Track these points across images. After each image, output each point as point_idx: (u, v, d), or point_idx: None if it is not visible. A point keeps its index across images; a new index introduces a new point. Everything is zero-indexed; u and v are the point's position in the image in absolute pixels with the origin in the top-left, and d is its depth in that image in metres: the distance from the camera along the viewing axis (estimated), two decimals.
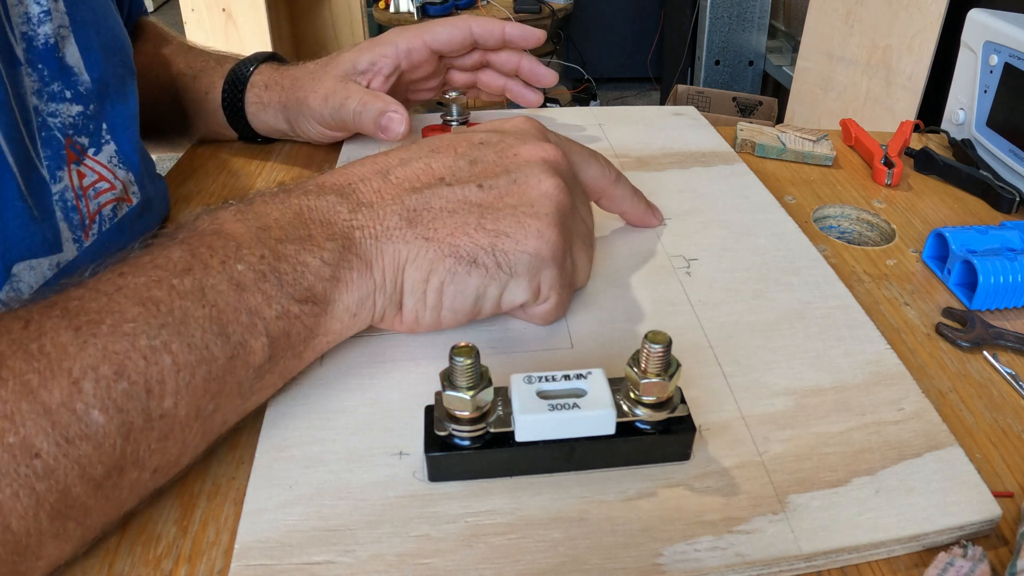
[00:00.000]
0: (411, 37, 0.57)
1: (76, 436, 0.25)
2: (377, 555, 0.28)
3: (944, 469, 0.32)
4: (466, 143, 0.38)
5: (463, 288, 0.35)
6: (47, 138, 0.43)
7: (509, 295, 0.36)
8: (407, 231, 0.34)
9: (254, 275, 0.31)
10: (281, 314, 0.31)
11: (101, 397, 0.26)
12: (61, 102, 0.43)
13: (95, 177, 0.45)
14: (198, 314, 0.29)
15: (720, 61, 2.47)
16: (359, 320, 0.35)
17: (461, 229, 0.34)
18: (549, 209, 0.36)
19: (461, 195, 0.35)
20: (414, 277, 0.34)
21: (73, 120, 0.44)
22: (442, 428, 0.31)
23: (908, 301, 0.45)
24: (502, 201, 0.35)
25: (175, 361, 0.28)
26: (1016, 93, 0.59)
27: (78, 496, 0.26)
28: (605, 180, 0.43)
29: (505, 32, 0.58)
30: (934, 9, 1.42)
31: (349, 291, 0.33)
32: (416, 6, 2.48)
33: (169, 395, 0.28)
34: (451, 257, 0.34)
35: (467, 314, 0.36)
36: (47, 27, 0.42)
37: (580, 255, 0.39)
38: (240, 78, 0.59)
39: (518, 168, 0.37)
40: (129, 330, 0.27)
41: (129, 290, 0.28)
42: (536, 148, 0.38)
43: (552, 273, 0.36)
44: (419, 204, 0.35)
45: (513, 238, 0.35)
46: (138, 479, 0.28)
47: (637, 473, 0.32)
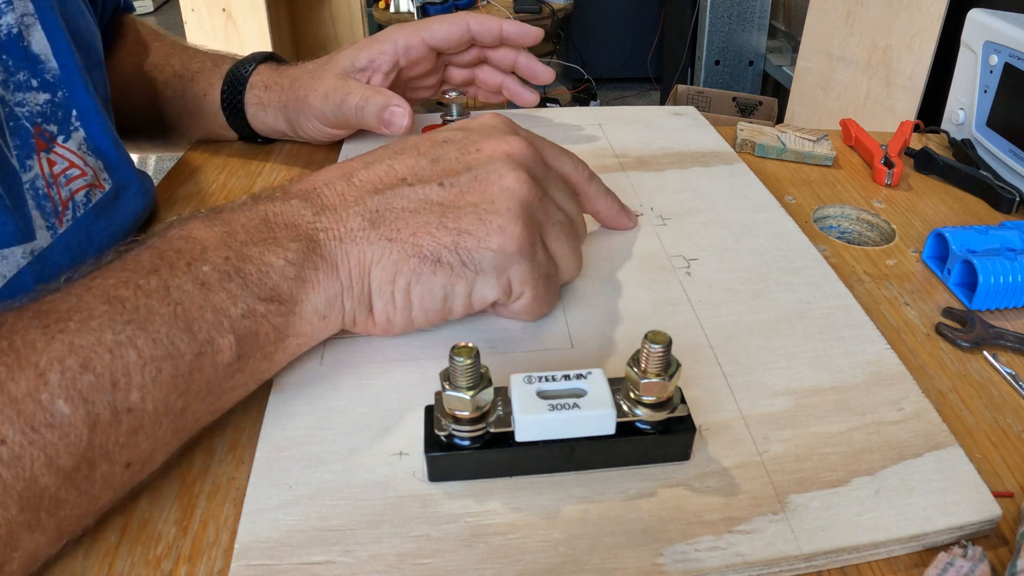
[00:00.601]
0: (409, 34, 0.57)
1: (41, 425, 0.26)
2: (377, 555, 0.28)
3: (944, 469, 0.32)
4: (429, 142, 0.38)
5: (430, 288, 0.35)
6: (15, 127, 0.42)
7: (478, 293, 0.36)
8: (370, 232, 0.34)
9: (219, 275, 0.31)
10: (247, 312, 0.31)
11: (66, 388, 0.26)
12: (28, 91, 0.43)
13: (65, 164, 0.45)
14: (163, 311, 0.29)
15: (720, 61, 2.47)
16: (329, 323, 0.35)
17: (423, 228, 0.34)
18: (511, 204, 0.35)
19: (423, 194, 0.35)
20: (380, 278, 0.34)
21: (41, 108, 0.44)
22: (442, 428, 0.31)
23: (908, 301, 0.45)
24: (463, 199, 0.35)
25: (140, 355, 0.28)
26: (1016, 93, 0.59)
27: (47, 486, 0.26)
28: (577, 176, 0.43)
29: (503, 29, 0.58)
30: (934, 9, 1.42)
31: (316, 291, 0.34)
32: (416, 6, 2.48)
33: (135, 389, 0.28)
34: (415, 257, 0.34)
35: (438, 313, 0.36)
36: (8, 17, 0.42)
37: (559, 246, 0.39)
38: (239, 79, 0.59)
39: (479, 165, 0.37)
40: (95, 325, 0.28)
41: (97, 290, 0.29)
42: (499, 143, 0.38)
43: (521, 268, 0.36)
44: (381, 205, 0.35)
45: (475, 235, 0.35)
46: (110, 472, 0.28)
47: (637, 473, 0.32)
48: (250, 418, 0.36)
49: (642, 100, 3.25)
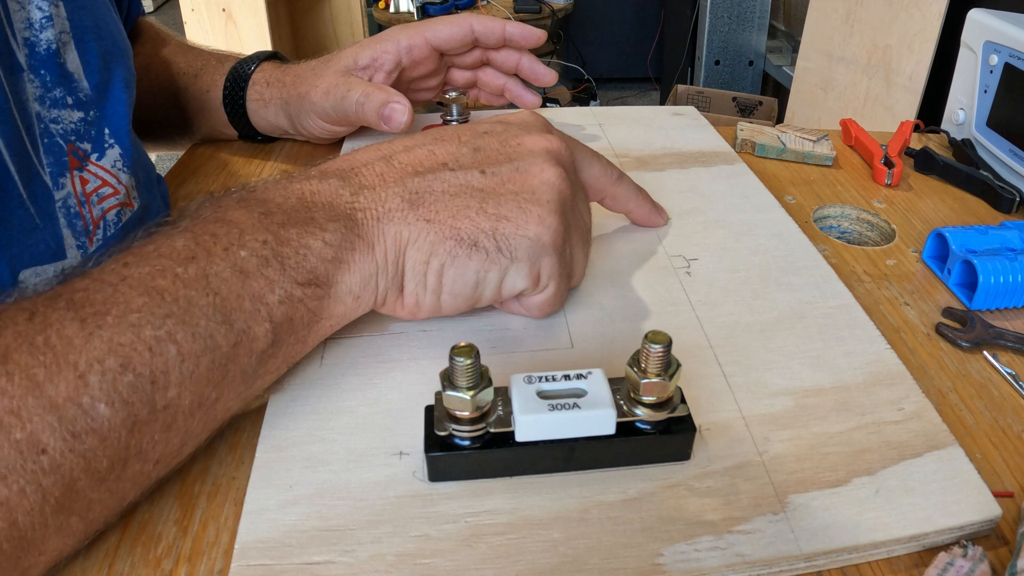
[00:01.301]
0: (413, 34, 0.57)
1: (83, 431, 0.25)
2: (377, 555, 0.28)
3: (944, 469, 0.32)
4: (470, 132, 0.38)
5: (463, 271, 0.34)
6: (49, 145, 0.42)
7: (509, 281, 0.35)
8: (408, 213, 0.34)
9: (257, 260, 0.31)
10: (284, 299, 0.31)
11: (107, 390, 0.26)
12: (63, 108, 0.43)
13: (98, 183, 0.45)
14: (202, 303, 0.29)
15: (720, 61, 2.47)
16: (362, 303, 0.35)
17: (463, 212, 0.34)
18: (551, 196, 0.36)
19: (464, 180, 0.35)
20: (415, 259, 0.34)
21: (75, 126, 0.44)
22: (442, 428, 0.31)
23: (908, 301, 0.45)
24: (504, 187, 0.36)
25: (180, 351, 0.28)
26: (1016, 93, 0.59)
27: (82, 490, 0.26)
28: (607, 179, 0.43)
29: (506, 31, 0.58)
30: (934, 9, 1.42)
31: (351, 272, 0.33)
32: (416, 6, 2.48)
33: (173, 386, 0.28)
34: (452, 239, 0.34)
35: (467, 299, 0.36)
36: (49, 33, 0.42)
37: (578, 250, 0.39)
38: (241, 76, 0.59)
39: (521, 157, 0.37)
40: (135, 320, 0.27)
41: (134, 280, 0.28)
42: (540, 139, 0.38)
43: (552, 260, 0.36)
44: (421, 187, 0.35)
45: (514, 222, 0.35)
46: (141, 471, 0.28)
47: (637, 473, 0.32)
48: (250, 418, 0.36)
49: (642, 100, 3.25)
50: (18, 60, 0.40)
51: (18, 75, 0.40)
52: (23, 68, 0.41)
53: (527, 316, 0.40)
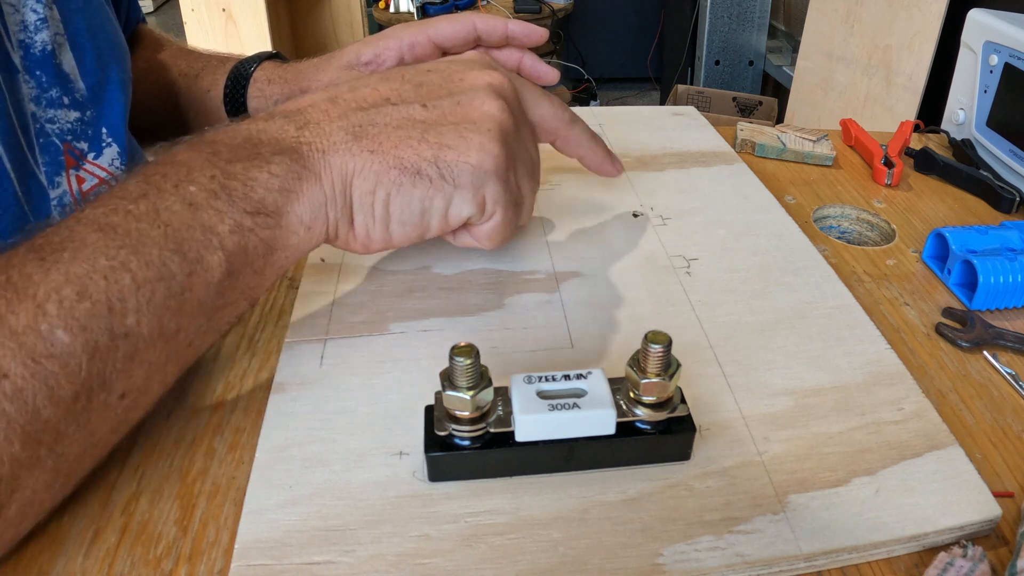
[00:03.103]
0: (415, 31, 0.57)
1: (42, 355, 0.26)
2: (377, 555, 0.28)
3: (944, 469, 0.32)
4: (414, 70, 0.39)
5: (408, 199, 0.35)
6: (45, 144, 0.43)
7: (455, 208, 0.36)
8: (352, 144, 0.35)
9: (205, 194, 0.32)
10: (234, 228, 0.32)
11: (65, 317, 0.27)
12: (59, 108, 0.43)
13: (95, 181, 0.45)
14: (154, 234, 0.30)
15: (720, 61, 2.47)
16: (314, 233, 0.35)
17: (405, 142, 0.35)
18: (491, 126, 0.36)
19: (406, 113, 0.36)
20: (361, 189, 0.35)
21: (71, 126, 0.44)
22: (442, 428, 0.31)
23: (908, 301, 0.45)
24: (446, 119, 0.36)
25: (134, 279, 0.29)
26: (1016, 93, 0.59)
27: (48, 419, 0.26)
28: (557, 120, 0.43)
29: (508, 29, 0.58)
30: (934, 9, 1.42)
31: (300, 202, 0.34)
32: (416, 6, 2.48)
33: (131, 312, 0.28)
34: (395, 168, 0.35)
35: (415, 227, 0.36)
36: (44, 34, 0.42)
37: (524, 182, 0.40)
38: (242, 75, 0.59)
39: (463, 91, 0.38)
40: (89, 253, 0.28)
41: (88, 219, 0.30)
42: (482, 74, 0.39)
43: (496, 187, 0.37)
44: (365, 121, 0.36)
45: (455, 150, 0.35)
46: (106, 402, 0.28)
47: (637, 473, 0.32)
48: (250, 418, 0.36)
49: (642, 100, 3.25)
50: (13, 62, 0.41)
51: (14, 76, 0.41)
52: (18, 69, 0.41)
53: (480, 247, 0.40)
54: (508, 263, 0.45)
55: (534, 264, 0.45)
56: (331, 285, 0.43)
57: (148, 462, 0.33)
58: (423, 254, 0.45)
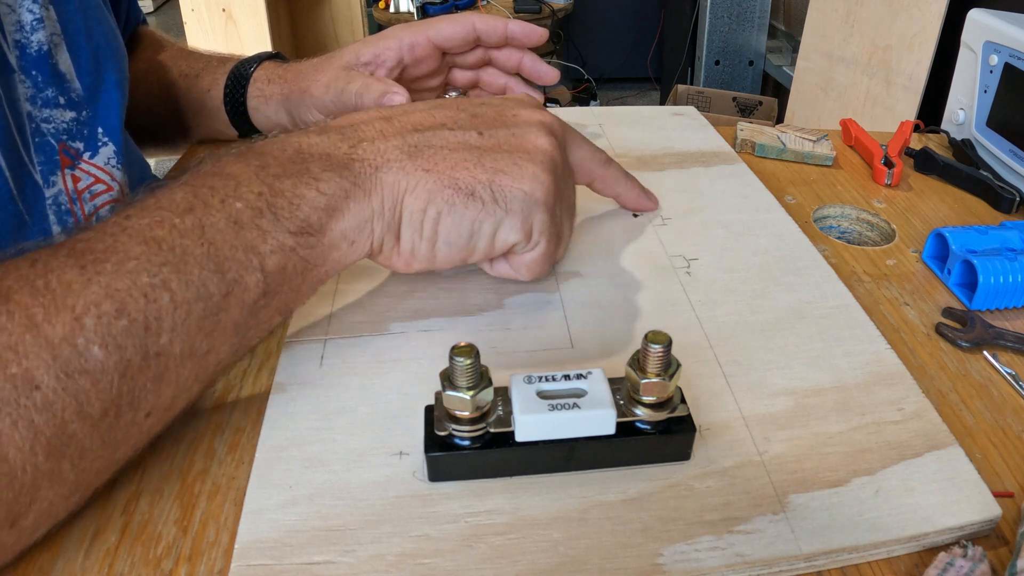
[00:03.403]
0: (415, 32, 0.57)
1: (76, 371, 0.26)
2: (377, 555, 0.28)
3: (944, 469, 0.32)
4: (468, 102, 0.40)
5: (459, 220, 0.35)
6: (40, 144, 0.43)
7: (503, 233, 0.37)
8: (407, 163, 0.35)
9: (251, 212, 0.31)
10: (276, 248, 0.32)
11: (102, 333, 0.27)
12: (55, 108, 0.44)
13: (91, 180, 0.45)
14: (197, 252, 0.30)
15: (720, 61, 2.47)
16: (357, 248, 0.35)
17: (461, 164, 0.36)
18: (544, 159, 0.37)
19: (462, 138, 0.37)
20: (412, 206, 0.35)
21: (67, 126, 0.44)
22: (442, 428, 0.31)
23: (908, 301, 0.45)
24: (500, 148, 0.37)
25: (173, 299, 0.28)
26: (1016, 93, 0.59)
27: (74, 433, 0.26)
28: (594, 162, 0.45)
29: (508, 29, 0.58)
30: (934, 9, 1.42)
31: (345, 219, 0.34)
32: (416, 6, 2.48)
33: (166, 332, 0.28)
34: (450, 188, 0.35)
35: (461, 249, 0.37)
36: (40, 34, 0.42)
37: (565, 219, 0.41)
38: (242, 75, 0.60)
39: (517, 125, 0.39)
40: (132, 268, 0.28)
41: (133, 230, 0.29)
42: (535, 112, 0.40)
43: (544, 217, 0.37)
44: (420, 142, 0.36)
45: (510, 175, 0.36)
46: (132, 420, 0.28)
47: (637, 473, 0.32)
48: (250, 418, 0.36)
49: (642, 100, 3.25)
50: (9, 62, 0.41)
51: (10, 76, 0.41)
52: (14, 69, 0.41)
53: (516, 278, 0.41)
54: None
55: None
56: (331, 285, 0.43)
57: (148, 462, 0.33)
58: None
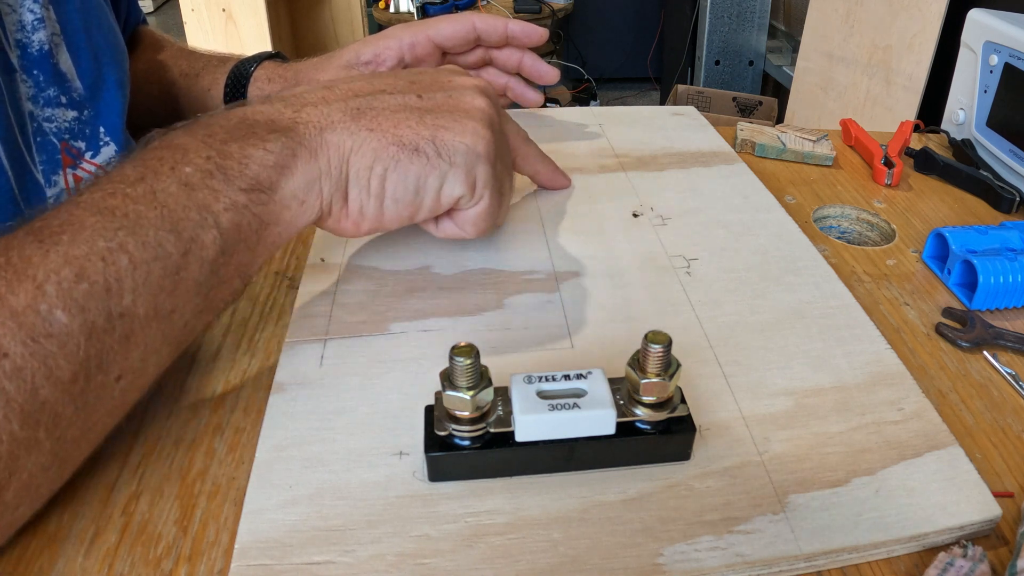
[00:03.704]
0: (415, 31, 0.57)
1: (41, 335, 0.26)
2: (377, 555, 0.28)
3: (944, 469, 0.32)
4: (405, 72, 0.42)
5: (405, 175, 0.37)
6: (42, 143, 0.43)
7: (448, 187, 0.38)
8: (351, 123, 0.36)
9: (201, 174, 0.32)
10: (229, 206, 0.32)
11: (63, 298, 0.27)
12: (56, 107, 0.44)
13: None
14: (151, 215, 0.30)
15: (720, 61, 2.47)
16: (308, 208, 0.36)
17: (404, 123, 0.37)
18: (483, 116, 0.39)
19: (402, 100, 0.38)
20: (359, 165, 0.36)
21: (69, 125, 0.44)
22: (442, 428, 0.31)
23: (908, 301, 0.45)
24: (440, 107, 0.39)
25: (131, 260, 0.29)
26: (1016, 93, 0.59)
27: (47, 399, 0.27)
28: (517, 137, 0.47)
29: (508, 28, 0.59)
30: (934, 9, 1.42)
31: (294, 176, 0.35)
32: (416, 6, 2.48)
33: (127, 292, 0.29)
34: (394, 145, 0.36)
35: (408, 205, 0.38)
36: (41, 34, 0.43)
37: (505, 177, 0.42)
38: (243, 74, 0.60)
39: (453, 88, 0.40)
40: (88, 236, 0.29)
41: (87, 204, 0.30)
42: (469, 79, 0.42)
43: (486, 170, 0.38)
44: (363, 104, 0.37)
45: (452, 131, 0.37)
46: (103, 383, 0.29)
47: (637, 473, 0.32)
48: (250, 418, 0.36)
49: (642, 100, 3.25)
50: (11, 61, 0.41)
51: (11, 76, 0.41)
52: (16, 69, 0.42)
53: (462, 236, 0.41)
54: (508, 263, 0.45)
55: (534, 264, 0.45)
56: (331, 285, 0.43)
57: (148, 462, 0.33)
58: (423, 254, 0.45)
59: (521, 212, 0.50)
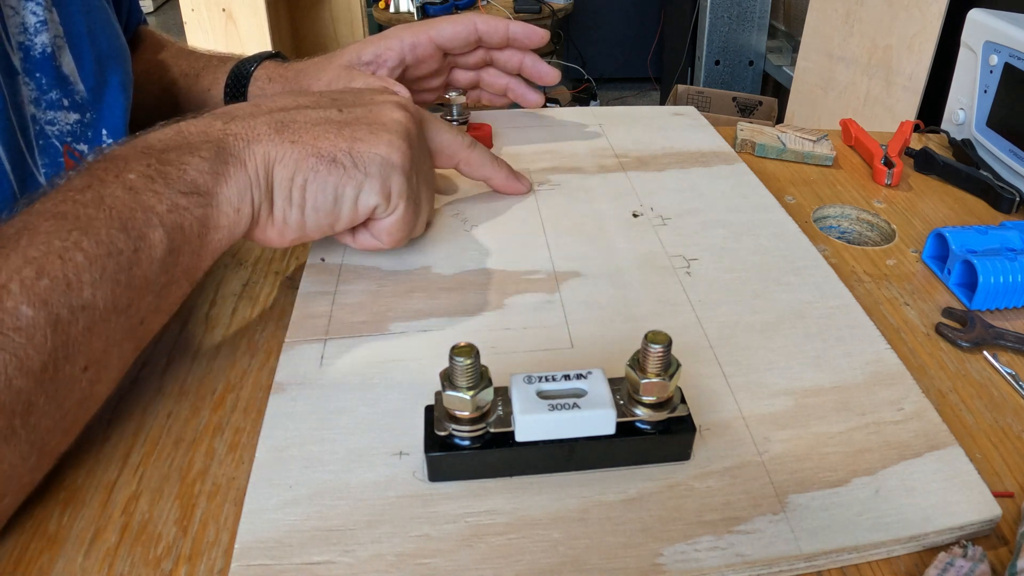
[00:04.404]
0: (416, 32, 0.57)
1: (10, 329, 0.28)
2: (377, 555, 0.28)
3: (944, 469, 0.32)
4: (329, 91, 0.44)
5: (324, 185, 0.38)
6: (45, 146, 0.43)
7: (364, 197, 0.39)
8: (275, 136, 0.38)
9: (144, 180, 0.34)
10: (172, 207, 0.34)
11: (27, 293, 0.29)
12: (59, 110, 0.44)
13: None
14: (101, 216, 0.32)
15: (720, 61, 2.47)
16: (242, 216, 0.38)
17: (323, 135, 0.39)
18: (399, 128, 0.41)
19: (323, 114, 0.40)
20: (281, 175, 0.38)
21: (71, 128, 0.45)
22: (442, 428, 0.31)
23: (908, 301, 0.45)
24: (358, 120, 0.40)
25: (87, 256, 0.31)
26: (1016, 93, 0.59)
27: (20, 389, 0.28)
28: (457, 144, 0.47)
29: (509, 30, 0.59)
30: (934, 9, 1.42)
31: (228, 184, 0.37)
32: (416, 6, 2.48)
33: (87, 286, 0.31)
34: (314, 156, 0.38)
35: (328, 214, 0.39)
36: (44, 37, 0.43)
37: (424, 189, 0.43)
38: (243, 74, 0.60)
39: (373, 103, 0.42)
40: (44, 238, 0.31)
41: (39, 212, 0.32)
42: (390, 95, 0.43)
43: (400, 180, 0.40)
44: (286, 118, 0.39)
45: (367, 142, 0.39)
46: (71, 374, 0.30)
47: (637, 473, 0.32)
48: (250, 418, 0.36)
49: (642, 100, 3.25)
50: (13, 64, 0.41)
51: (14, 78, 0.41)
52: (18, 71, 0.42)
53: (379, 247, 0.43)
54: (508, 263, 0.45)
55: (534, 264, 0.45)
56: (331, 285, 0.43)
57: (148, 462, 0.33)
58: (423, 254, 0.45)
59: (521, 212, 0.50)
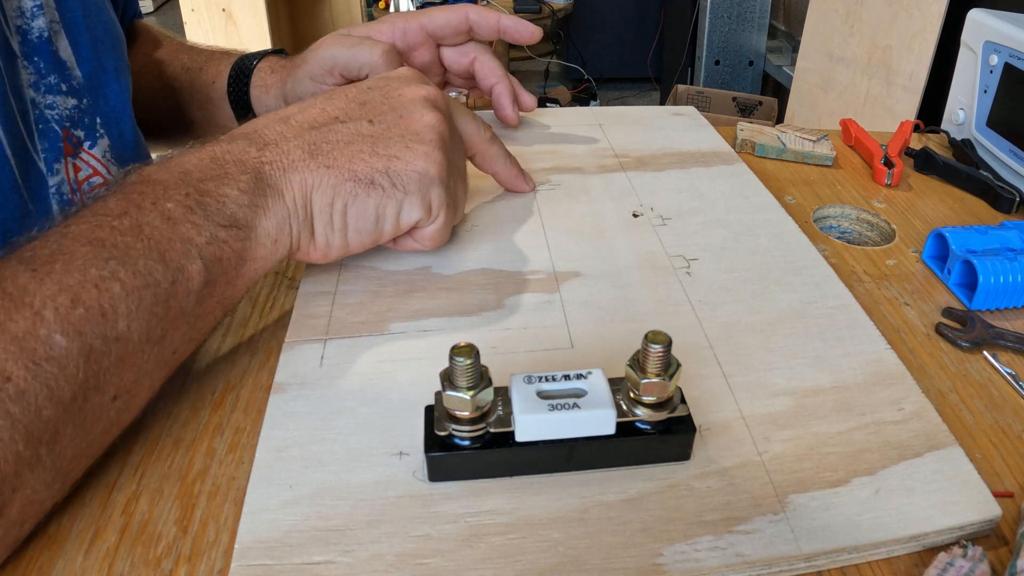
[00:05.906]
0: (408, 19, 0.58)
1: (42, 359, 0.28)
2: (377, 555, 0.28)
3: (944, 469, 0.32)
4: (356, 89, 0.42)
5: (364, 208, 0.38)
6: (44, 130, 0.43)
7: (406, 213, 0.39)
8: (310, 162, 0.38)
9: (182, 210, 0.34)
10: (211, 240, 0.34)
11: (61, 322, 0.28)
12: (58, 94, 0.44)
13: (89, 171, 0.46)
14: (139, 246, 0.32)
15: (720, 61, 2.47)
16: (279, 246, 0.38)
17: (358, 156, 0.38)
18: (432, 136, 0.40)
19: (355, 129, 0.39)
20: (320, 202, 0.38)
21: (69, 113, 0.44)
22: (442, 428, 0.31)
23: (908, 301, 0.45)
24: (391, 132, 0.40)
25: (123, 287, 0.30)
26: (1016, 93, 0.59)
27: (49, 418, 0.28)
28: (479, 137, 0.47)
29: (501, 22, 0.58)
30: (934, 9, 1.42)
31: (267, 216, 0.36)
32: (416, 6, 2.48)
33: (122, 317, 0.30)
34: (351, 181, 0.38)
35: (370, 234, 0.39)
36: (41, 21, 0.43)
37: (459, 185, 0.43)
38: (246, 68, 0.60)
39: (403, 105, 0.41)
40: (80, 265, 0.30)
41: (75, 234, 0.31)
42: (418, 89, 0.42)
43: (439, 191, 0.40)
44: (318, 139, 0.39)
45: (403, 160, 0.39)
46: (100, 403, 0.30)
47: (637, 473, 0.32)
48: (250, 418, 0.36)
49: (642, 100, 3.25)
50: (12, 47, 0.41)
51: (13, 62, 0.41)
52: (17, 55, 0.42)
53: (421, 250, 0.43)
54: (508, 263, 0.45)
55: (534, 264, 0.45)
56: (331, 285, 0.43)
57: (148, 462, 0.33)
58: (423, 254, 0.45)
59: (521, 212, 0.50)
